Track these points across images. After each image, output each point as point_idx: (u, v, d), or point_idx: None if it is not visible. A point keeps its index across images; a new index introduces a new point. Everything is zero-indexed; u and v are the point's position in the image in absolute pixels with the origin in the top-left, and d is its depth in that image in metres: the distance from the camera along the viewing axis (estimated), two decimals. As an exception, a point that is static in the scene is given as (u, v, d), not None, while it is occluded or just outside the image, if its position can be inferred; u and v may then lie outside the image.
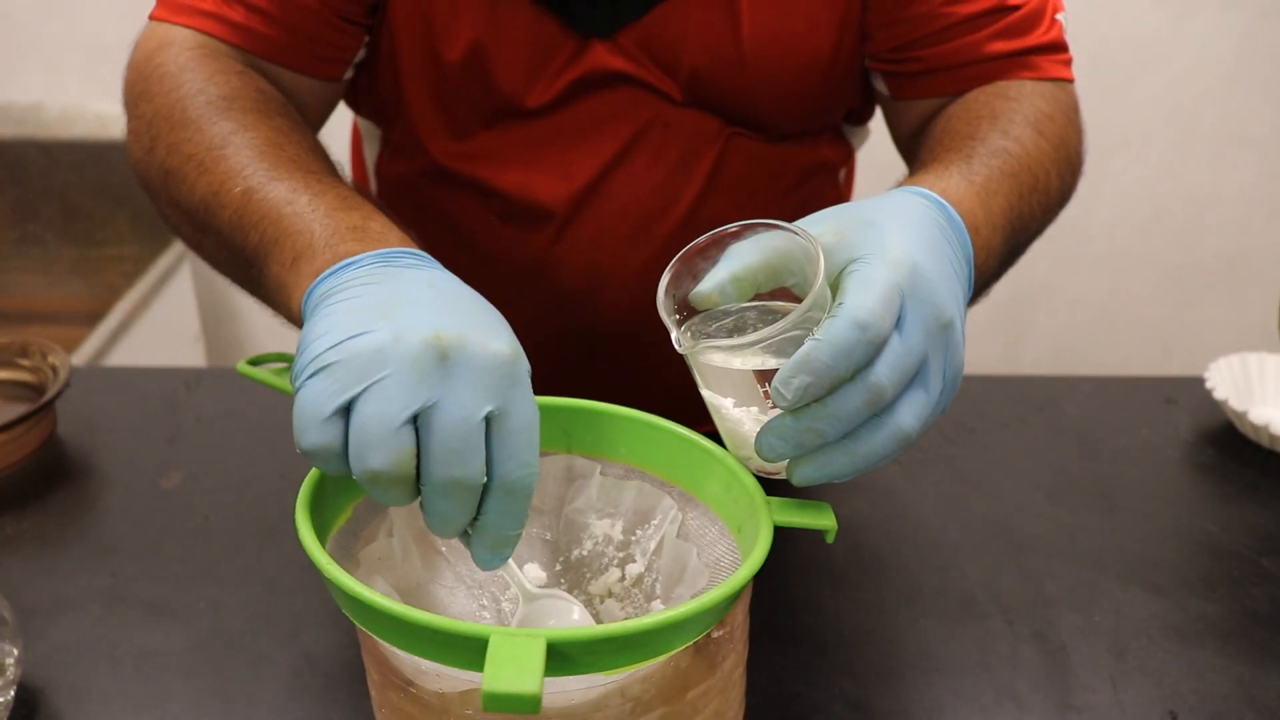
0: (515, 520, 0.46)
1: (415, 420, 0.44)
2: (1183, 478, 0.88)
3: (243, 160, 0.62)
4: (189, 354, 1.92)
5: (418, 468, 0.44)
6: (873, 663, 0.68)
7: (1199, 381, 0.95)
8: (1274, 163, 2.00)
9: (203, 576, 0.76)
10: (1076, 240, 2.02)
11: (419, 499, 0.46)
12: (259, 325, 2.11)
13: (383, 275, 0.49)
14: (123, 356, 1.61)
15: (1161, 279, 2.10)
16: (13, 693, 0.63)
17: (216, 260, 0.67)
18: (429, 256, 0.53)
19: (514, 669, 0.38)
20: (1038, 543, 0.80)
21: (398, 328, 0.44)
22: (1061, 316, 2.13)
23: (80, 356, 1.51)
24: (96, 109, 1.86)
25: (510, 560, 0.49)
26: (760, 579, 0.47)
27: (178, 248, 1.86)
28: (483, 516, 0.46)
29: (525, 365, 0.47)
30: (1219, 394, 0.91)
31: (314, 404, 0.44)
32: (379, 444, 0.43)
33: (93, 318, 1.65)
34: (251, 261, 0.59)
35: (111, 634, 0.70)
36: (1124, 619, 0.72)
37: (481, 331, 0.46)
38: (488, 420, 0.45)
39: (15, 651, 0.63)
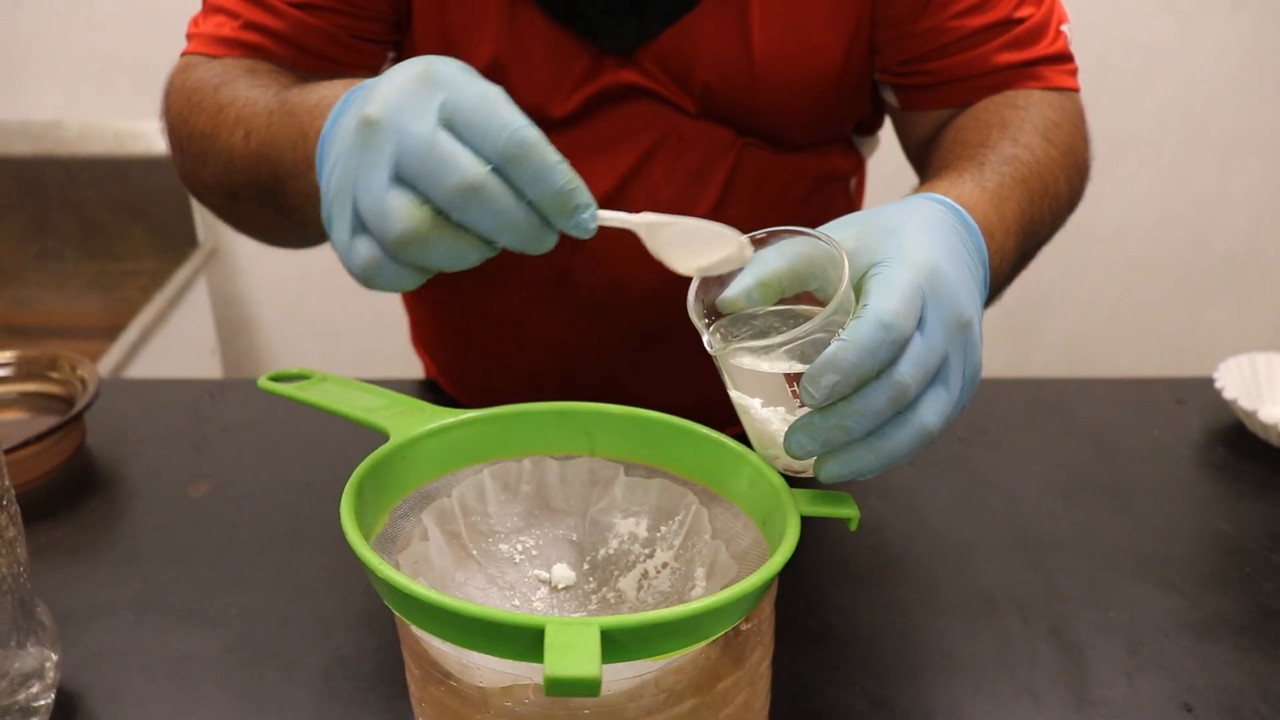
0: (550, 178, 0.46)
1: (401, 182, 0.45)
2: (1194, 476, 0.89)
3: (236, 112, 0.67)
4: (206, 367, 1.94)
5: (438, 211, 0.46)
6: (892, 661, 0.69)
7: (1209, 382, 0.96)
8: (1282, 164, 2.01)
9: (232, 582, 0.77)
10: (1086, 243, 2.03)
11: (489, 246, 0.48)
12: (275, 338, 2.13)
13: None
14: (141, 370, 1.62)
15: (1171, 281, 2.11)
16: (52, 696, 0.64)
17: (272, 226, 0.71)
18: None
19: (573, 654, 0.38)
20: (1053, 542, 0.81)
21: (339, 130, 0.48)
22: (1072, 319, 2.13)
23: (99, 370, 1.51)
24: (114, 126, 1.89)
25: (599, 215, 0.50)
26: (780, 578, 0.48)
27: (195, 261, 1.88)
28: (527, 195, 0.46)
29: (443, 65, 0.47)
30: (1229, 394, 0.91)
31: (340, 242, 0.48)
32: (382, 215, 0.45)
33: (111, 332, 1.66)
34: (280, 195, 0.63)
35: (145, 640, 0.72)
36: (1139, 615, 0.73)
37: (394, 76, 0.47)
38: (450, 128, 0.45)
39: (54, 657, 0.64)
